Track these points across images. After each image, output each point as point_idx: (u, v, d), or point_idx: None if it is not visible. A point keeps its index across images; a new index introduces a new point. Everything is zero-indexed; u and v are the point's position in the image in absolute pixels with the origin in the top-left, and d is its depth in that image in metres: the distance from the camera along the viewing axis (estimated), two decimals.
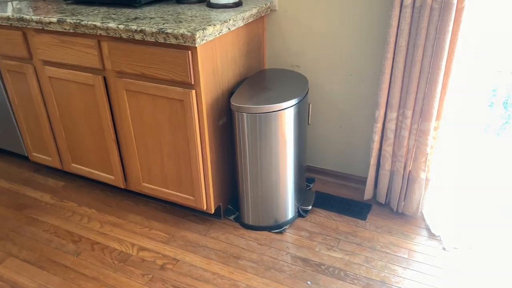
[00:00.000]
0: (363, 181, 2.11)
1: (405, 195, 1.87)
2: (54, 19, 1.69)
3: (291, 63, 2.01)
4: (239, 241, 1.82)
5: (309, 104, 2.06)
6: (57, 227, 1.94)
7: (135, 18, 1.64)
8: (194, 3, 1.88)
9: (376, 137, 1.83)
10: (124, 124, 1.82)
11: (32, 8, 1.90)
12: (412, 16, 1.56)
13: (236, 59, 1.79)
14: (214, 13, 1.69)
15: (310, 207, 1.96)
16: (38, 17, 1.72)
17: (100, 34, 1.62)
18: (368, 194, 1.98)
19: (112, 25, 1.57)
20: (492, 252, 1.69)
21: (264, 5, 1.85)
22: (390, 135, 1.80)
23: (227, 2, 1.77)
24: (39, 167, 2.42)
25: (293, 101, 1.66)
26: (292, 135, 1.73)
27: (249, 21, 1.77)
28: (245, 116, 1.64)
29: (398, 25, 1.58)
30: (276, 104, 1.62)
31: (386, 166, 1.87)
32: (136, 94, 1.71)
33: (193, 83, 1.56)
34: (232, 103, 1.63)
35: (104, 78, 1.77)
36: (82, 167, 2.10)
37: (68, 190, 2.21)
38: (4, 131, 2.30)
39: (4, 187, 2.24)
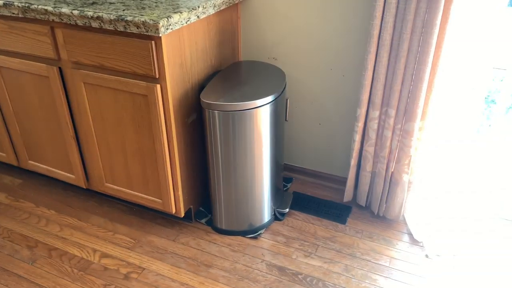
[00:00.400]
0: (343, 181, 2.00)
1: (386, 198, 1.77)
2: (1, 2, 1.50)
3: (268, 55, 1.87)
4: (211, 247, 1.70)
5: (286, 99, 1.93)
6: (11, 231, 1.77)
7: (93, 3, 1.47)
8: None
9: (357, 137, 1.71)
10: (84, 120, 1.65)
11: None
12: (397, 7, 1.43)
13: (207, 50, 1.64)
14: None
15: (287, 209, 1.84)
16: None
17: (53, 20, 1.44)
18: (348, 196, 1.88)
19: (65, 10, 1.39)
20: (476, 260, 1.61)
21: None
22: (372, 135, 1.68)
23: None
24: None
25: (269, 98, 1.52)
26: (268, 133, 1.60)
27: (221, 8, 1.61)
28: (216, 114, 1.49)
29: (382, 17, 1.46)
30: (251, 102, 1.48)
31: (367, 167, 1.77)
32: (95, 87, 1.54)
33: (157, 76, 1.41)
34: (202, 100, 1.49)
35: (60, 69, 1.59)
36: (40, 165, 1.93)
37: (26, 188, 2.03)
38: None
39: None
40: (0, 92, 1.78)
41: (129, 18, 1.30)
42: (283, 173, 2.12)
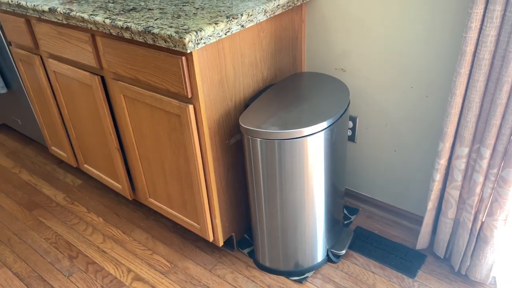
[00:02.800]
0: (419, 220, 1.64)
1: (471, 255, 1.39)
2: (46, 8, 1.44)
3: (336, 66, 1.57)
4: (248, 285, 1.50)
5: (355, 118, 1.62)
6: (59, 236, 1.77)
7: (132, 9, 1.33)
8: None
9: (438, 176, 1.35)
10: (126, 133, 1.55)
11: None
12: (503, 16, 1.04)
13: (257, 62, 1.41)
14: (229, 3, 1.32)
15: (344, 251, 1.56)
16: (33, 4, 1.48)
17: (91, 28, 1.34)
18: (422, 242, 1.52)
19: (99, 18, 1.27)
20: None
21: None
22: (458, 176, 1.31)
23: None
24: (61, 159, 2.28)
25: (324, 124, 1.25)
26: (323, 161, 1.33)
27: (276, 13, 1.37)
28: (258, 142, 1.27)
29: (481, 28, 1.08)
30: (300, 129, 1.22)
31: (449, 213, 1.40)
32: (134, 101, 1.42)
33: (190, 96, 1.23)
34: (242, 124, 1.27)
35: (103, 79, 1.50)
36: (93, 170, 1.90)
37: (83, 190, 2.04)
38: (27, 120, 2.18)
39: (24, 180, 2.13)
40: (58, 95, 1.77)
41: (155, 31, 1.13)
42: (346, 201, 1.82)
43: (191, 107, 1.24)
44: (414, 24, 1.32)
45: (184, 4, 1.34)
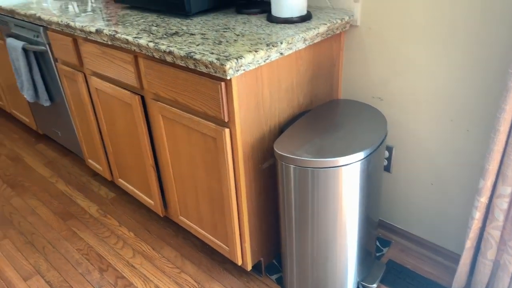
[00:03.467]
0: (455, 258, 1.58)
1: None
2: (93, 29, 1.50)
3: (372, 94, 1.55)
4: None
5: (391, 148, 1.59)
6: (91, 248, 1.81)
7: (174, 33, 1.36)
8: (255, 13, 1.53)
9: (477, 214, 1.30)
10: (162, 151, 1.58)
11: (102, 9, 1.75)
12: None
13: (294, 88, 1.41)
14: (269, 30, 1.33)
15: (375, 285, 1.51)
16: (81, 25, 1.55)
17: (134, 50, 1.38)
18: (459, 282, 1.46)
19: (143, 41, 1.31)
20: None
21: (340, 20, 1.42)
22: (499, 215, 1.26)
23: (290, 16, 1.39)
24: (96, 172, 2.34)
25: (361, 154, 1.23)
26: (358, 192, 1.30)
27: (315, 41, 1.37)
28: (291, 169, 1.26)
29: None
30: (336, 159, 1.21)
31: (489, 254, 1.33)
32: (171, 121, 1.45)
33: (227, 120, 1.24)
34: (276, 150, 1.27)
35: (143, 98, 1.54)
36: (127, 184, 1.94)
37: (116, 203, 2.08)
38: (67, 132, 2.26)
39: (60, 190, 2.20)
40: (97, 111, 1.83)
41: (197, 57, 1.15)
42: (379, 232, 1.78)
43: (227, 130, 1.25)
44: (457, 57, 1.29)
45: (225, 30, 1.37)
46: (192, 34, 1.34)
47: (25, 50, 2.04)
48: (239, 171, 1.33)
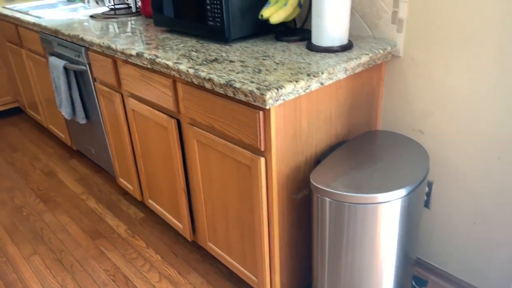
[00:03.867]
0: None
1: None
2: (134, 52, 1.52)
3: (413, 127, 1.50)
4: None
5: (431, 183, 1.52)
6: (118, 269, 1.80)
7: (214, 60, 1.36)
8: (295, 41, 1.52)
9: None
10: (194, 175, 1.57)
11: (142, 31, 1.79)
12: None
13: (332, 118, 1.38)
14: (309, 59, 1.31)
15: None
16: (122, 48, 1.58)
17: (174, 75, 1.39)
18: None
19: (182, 67, 1.32)
20: None
21: (382, 51, 1.39)
22: None
23: (331, 45, 1.37)
24: (127, 191, 2.36)
25: (402, 192, 1.18)
26: (397, 229, 1.25)
27: (356, 71, 1.34)
28: (327, 202, 1.22)
29: None
30: (374, 195, 1.16)
31: None
32: (206, 146, 1.44)
33: (263, 149, 1.22)
34: (312, 182, 1.23)
35: (178, 122, 1.54)
36: (157, 206, 1.94)
37: (144, 224, 2.07)
38: (100, 150, 2.29)
39: (91, 208, 2.22)
40: (133, 132, 1.85)
41: (237, 85, 1.14)
42: (415, 270, 1.69)
43: (262, 159, 1.23)
44: (504, 90, 1.23)
45: (264, 58, 1.36)
46: (232, 61, 1.34)
47: (66, 68, 2.10)
48: (273, 200, 1.29)
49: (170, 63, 1.36)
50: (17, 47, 2.77)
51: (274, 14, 1.44)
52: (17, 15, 2.51)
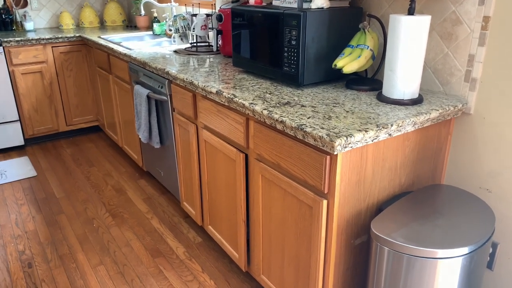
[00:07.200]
0: None
1: None
2: (214, 90, 1.66)
3: (480, 185, 1.48)
4: None
5: (497, 245, 1.48)
6: None
7: (286, 103, 1.46)
8: (365, 90, 1.58)
9: None
10: (255, 208, 1.65)
11: (221, 70, 1.95)
12: None
13: (397, 168, 1.41)
14: (379, 110, 1.37)
15: None
16: (204, 85, 1.73)
17: (248, 114, 1.50)
18: None
19: (257, 108, 1.42)
20: None
21: (453, 107, 1.41)
22: None
23: (401, 98, 1.41)
24: (189, 214, 2.48)
25: (465, 249, 1.17)
26: (456, 287, 1.23)
27: (424, 126, 1.37)
28: (386, 251, 1.24)
29: None
30: (435, 250, 1.16)
31: None
32: (270, 182, 1.52)
33: (326, 192, 1.27)
34: (373, 230, 1.26)
35: (246, 157, 1.65)
36: (216, 233, 2.03)
37: (201, 249, 2.17)
38: (169, 173, 2.45)
39: (154, 227, 2.36)
40: (202, 161, 1.98)
41: (308, 130, 1.22)
42: None
43: (325, 202, 1.28)
44: None
45: (335, 105, 1.43)
46: (303, 106, 1.43)
47: (148, 97, 2.31)
48: (331, 243, 1.33)
49: (246, 103, 1.48)
50: (106, 73, 3.08)
51: (347, 64, 1.52)
52: (111, 45, 2.81)
